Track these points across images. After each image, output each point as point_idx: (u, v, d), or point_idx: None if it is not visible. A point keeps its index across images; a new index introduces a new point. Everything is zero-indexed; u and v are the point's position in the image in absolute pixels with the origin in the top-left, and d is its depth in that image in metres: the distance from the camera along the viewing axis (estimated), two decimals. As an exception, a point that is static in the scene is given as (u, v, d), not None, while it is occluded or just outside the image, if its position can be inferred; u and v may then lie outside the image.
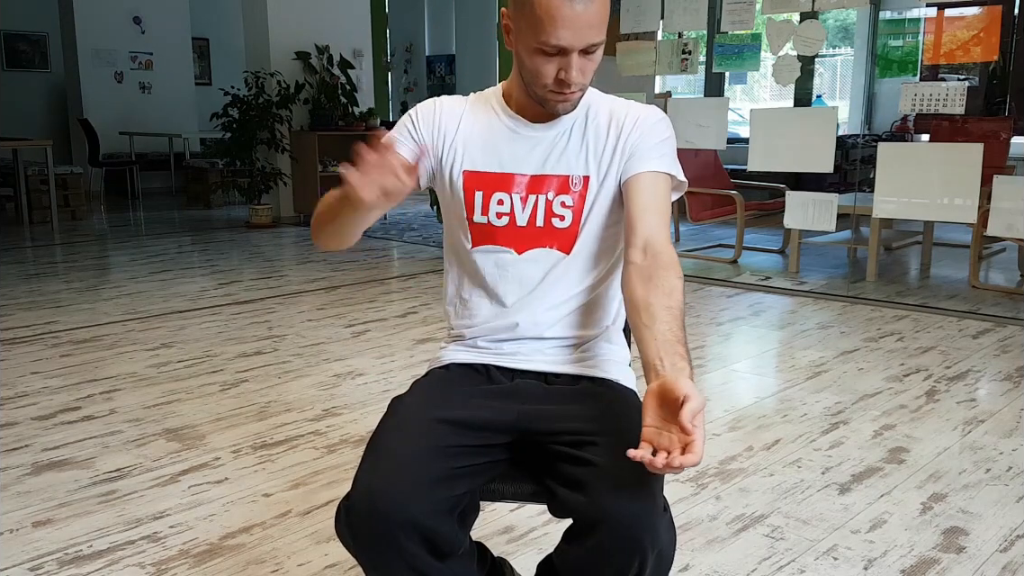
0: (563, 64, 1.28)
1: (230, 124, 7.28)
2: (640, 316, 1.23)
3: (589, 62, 1.30)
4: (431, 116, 1.45)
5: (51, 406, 3.02)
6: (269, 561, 1.99)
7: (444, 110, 1.45)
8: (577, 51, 1.27)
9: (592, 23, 1.25)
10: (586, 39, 1.26)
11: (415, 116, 1.45)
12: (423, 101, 1.48)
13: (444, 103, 1.47)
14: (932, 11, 4.54)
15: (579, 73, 1.30)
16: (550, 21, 1.24)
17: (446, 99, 1.48)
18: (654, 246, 1.30)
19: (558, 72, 1.29)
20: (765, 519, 2.19)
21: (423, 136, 1.44)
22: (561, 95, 1.33)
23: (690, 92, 10.59)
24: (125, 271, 5.55)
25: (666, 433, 1.10)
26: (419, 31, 12.89)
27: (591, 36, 1.26)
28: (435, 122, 1.44)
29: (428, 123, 1.44)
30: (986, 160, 4.42)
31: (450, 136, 1.43)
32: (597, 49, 1.29)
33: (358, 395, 3.15)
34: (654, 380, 1.14)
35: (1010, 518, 2.20)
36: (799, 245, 5.63)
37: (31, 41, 10.31)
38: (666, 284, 1.25)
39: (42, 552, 2.03)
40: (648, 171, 1.37)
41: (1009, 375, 3.39)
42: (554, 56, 1.28)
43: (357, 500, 1.18)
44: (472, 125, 1.44)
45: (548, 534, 2.10)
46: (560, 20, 1.23)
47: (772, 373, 3.50)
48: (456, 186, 1.44)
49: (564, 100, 1.34)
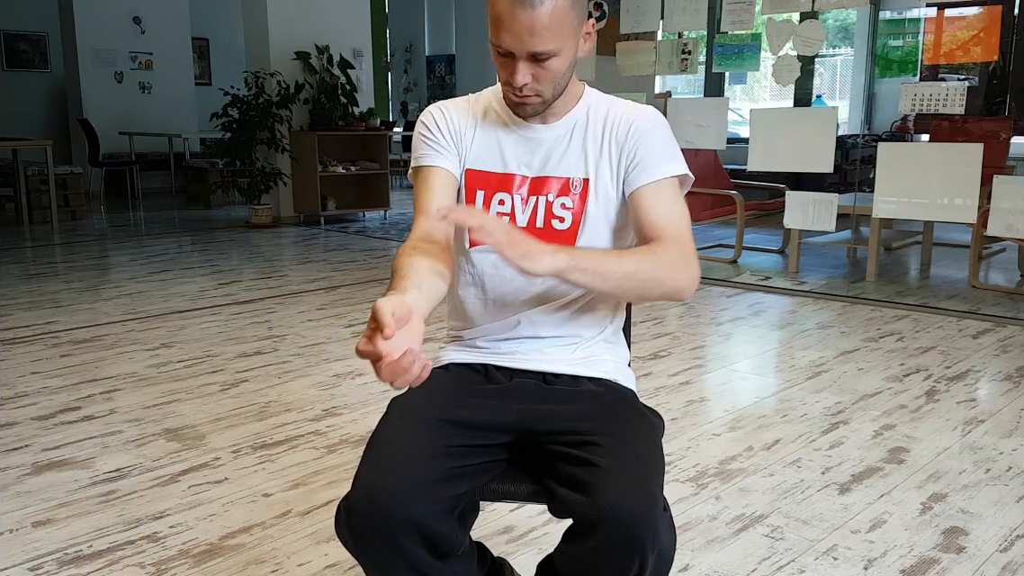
0: (511, 67, 1.29)
1: (230, 124, 7.28)
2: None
3: (543, 70, 1.29)
4: (443, 116, 1.44)
5: (51, 406, 3.02)
6: (269, 561, 1.99)
7: (451, 110, 1.45)
8: (523, 57, 1.27)
9: (535, 31, 1.23)
10: (528, 46, 1.25)
11: (430, 123, 1.44)
12: (424, 112, 1.47)
13: (448, 106, 1.47)
14: (932, 11, 4.54)
15: (531, 79, 1.29)
16: (497, 22, 1.25)
17: (447, 103, 1.48)
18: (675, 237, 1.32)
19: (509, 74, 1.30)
20: (765, 519, 2.20)
21: (445, 137, 1.43)
22: (517, 97, 1.33)
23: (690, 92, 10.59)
24: (125, 271, 5.55)
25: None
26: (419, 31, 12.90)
27: (534, 44, 1.25)
28: (448, 121, 1.44)
29: (444, 124, 1.44)
30: (986, 160, 4.42)
31: (463, 135, 1.44)
32: (550, 58, 1.27)
33: (358, 395, 3.15)
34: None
35: (1010, 518, 2.20)
36: (799, 245, 5.63)
37: (31, 41, 10.31)
38: (658, 248, 1.29)
39: (42, 552, 2.03)
40: (655, 181, 1.36)
41: (1009, 375, 3.39)
42: (506, 58, 1.29)
43: (357, 500, 1.18)
44: (476, 125, 1.44)
45: (548, 534, 2.10)
46: (504, 24, 1.24)
47: (772, 373, 3.50)
48: (459, 184, 1.44)
49: (520, 103, 1.34)
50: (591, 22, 1.33)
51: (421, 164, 1.43)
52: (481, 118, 1.45)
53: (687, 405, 3.05)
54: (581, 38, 1.31)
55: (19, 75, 10.22)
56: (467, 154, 1.44)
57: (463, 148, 1.44)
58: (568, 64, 1.31)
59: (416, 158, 1.44)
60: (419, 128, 1.46)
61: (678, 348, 3.79)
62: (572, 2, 1.25)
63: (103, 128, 9.46)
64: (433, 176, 1.41)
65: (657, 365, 3.52)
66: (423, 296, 1.22)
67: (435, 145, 1.42)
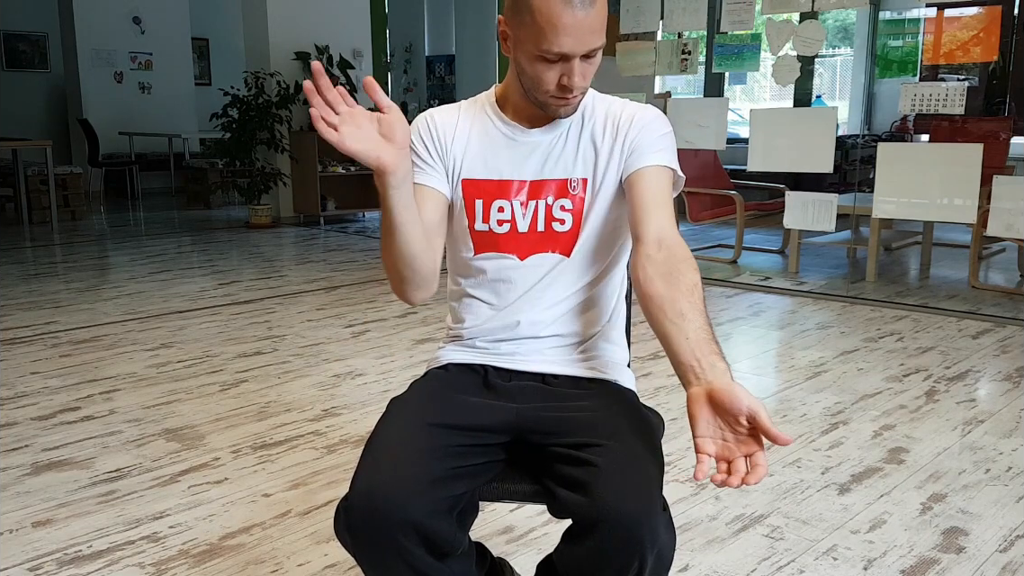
0: (565, 70, 1.29)
1: (230, 124, 7.28)
2: (665, 313, 1.20)
3: (590, 66, 1.31)
4: (428, 129, 1.43)
5: (51, 406, 3.02)
6: (269, 561, 1.99)
7: (438, 122, 1.44)
8: (580, 57, 1.27)
9: (594, 28, 1.25)
10: (588, 44, 1.26)
11: (415, 137, 1.42)
12: (413, 122, 1.45)
13: (436, 115, 1.45)
14: (932, 11, 4.54)
15: (581, 77, 1.30)
16: (551, 29, 1.24)
17: (436, 111, 1.46)
18: (668, 240, 1.29)
19: (560, 78, 1.29)
20: (765, 519, 2.20)
21: (430, 151, 1.42)
22: (563, 100, 1.33)
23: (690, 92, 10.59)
24: (125, 271, 5.56)
25: (725, 443, 1.11)
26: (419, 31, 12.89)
27: (592, 41, 1.26)
28: (432, 134, 1.43)
29: (428, 136, 1.43)
30: (986, 160, 4.42)
31: (448, 146, 1.43)
32: (597, 52, 1.30)
33: (358, 395, 3.15)
34: (695, 384, 1.13)
35: (1010, 518, 2.20)
36: (799, 245, 5.63)
37: (31, 41, 10.31)
38: (688, 279, 1.24)
39: (42, 552, 2.03)
40: (652, 165, 1.37)
41: (1009, 375, 3.39)
42: (556, 63, 1.28)
43: (356, 500, 1.18)
44: (468, 134, 1.43)
45: (548, 534, 2.10)
46: (562, 28, 1.23)
47: (772, 373, 3.50)
48: (456, 195, 1.43)
49: (566, 104, 1.34)
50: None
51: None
52: (474, 125, 1.44)
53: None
54: None
55: (19, 75, 10.22)
56: (460, 164, 1.43)
57: (451, 160, 1.42)
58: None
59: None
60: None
61: (678, 348, 3.78)
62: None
63: (103, 128, 9.47)
64: (420, 195, 1.38)
65: (657, 365, 3.52)
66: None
67: (419, 162, 1.41)
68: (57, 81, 10.33)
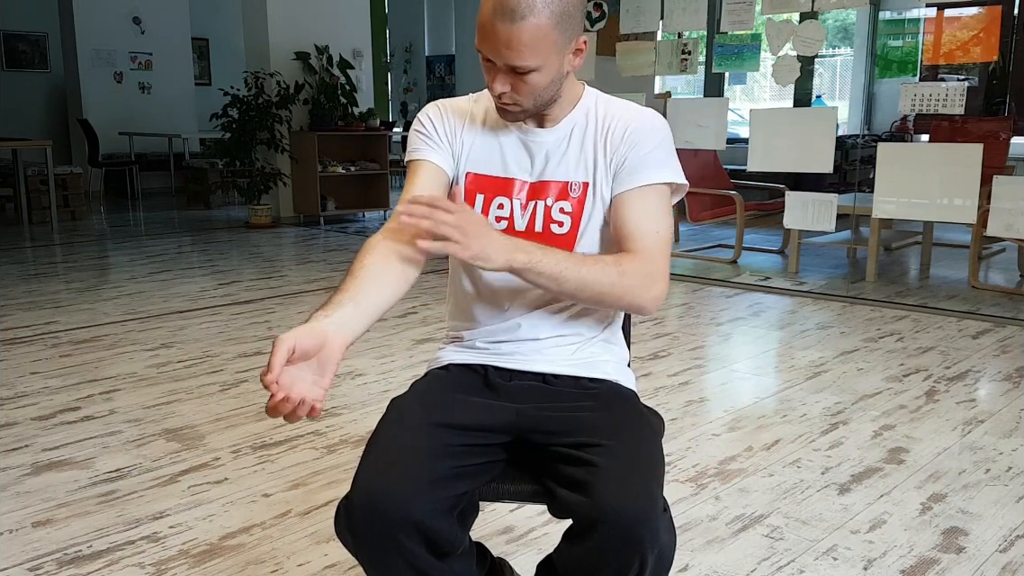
0: (491, 75, 1.30)
1: (230, 124, 7.28)
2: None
3: (522, 83, 1.28)
4: (440, 114, 1.44)
5: (51, 406, 3.02)
6: (269, 561, 1.99)
7: (450, 110, 1.45)
8: (502, 67, 1.27)
9: (512, 46, 1.23)
10: (506, 59, 1.25)
11: (426, 120, 1.44)
12: (422, 109, 1.47)
13: (447, 104, 1.47)
14: (932, 11, 4.54)
15: (510, 89, 1.29)
16: (480, 29, 1.26)
17: (448, 100, 1.48)
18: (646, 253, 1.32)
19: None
20: (765, 519, 2.20)
21: (440, 134, 1.43)
22: (498, 101, 1.34)
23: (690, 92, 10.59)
24: (125, 271, 5.55)
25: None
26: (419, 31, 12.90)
27: (511, 58, 1.25)
28: (444, 118, 1.44)
29: (440, 122, 1.44)
30: (986, 160, 4.42)
31: (458, 132, 1.44)
32: (530, 73, 1.27)
33: (358, 395, 3.15)
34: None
35: (1010, 518, 2.20)
36: (799, 245, 5.63)
37: (31, 41, 10.31)
38: (624, 261, 1.30)
39: (42, 552, 2.03)
40: (636, 187, 1.35)
41: (1009, 375, 3.39)
42: (487, 63, 1.30)
43: (357, 500, 1.18)
44: (477, 126, 1.44)
45: (548, 534, 2.10)
46: (484, 33, 1.25)
47: (772, 373, 3.50)
48: (452, 182, 1.44)
49: (501, 108, 1.35)
50: (583, 38, 1.32)
51: (412, 158, 1.43)
52: (482, 119, 1.44)
53: (687, 405, 3.05)
54: (570, 54, 1.30)
55: (19, 75, 10.21)
56: (466, 155, 1.43)
57: (459, 148, 1.43)
58: (550, 79, 1.30)
59: (409, 152, 1.44)
60: (416, 124, 1.46)
61: (678, 348, 3.79)
62: (556, 22, 1.23)
63: (103, 128, 9.46)
64: (422, 169, 1.41)
65: (657, 365, 3.52)
66: (359, 311, 1.27)
67: (428, 141, 1.42)
68: (57, 81, 10.32)
